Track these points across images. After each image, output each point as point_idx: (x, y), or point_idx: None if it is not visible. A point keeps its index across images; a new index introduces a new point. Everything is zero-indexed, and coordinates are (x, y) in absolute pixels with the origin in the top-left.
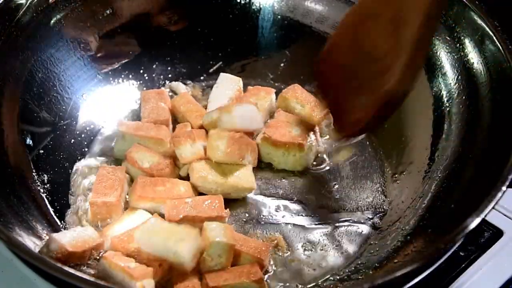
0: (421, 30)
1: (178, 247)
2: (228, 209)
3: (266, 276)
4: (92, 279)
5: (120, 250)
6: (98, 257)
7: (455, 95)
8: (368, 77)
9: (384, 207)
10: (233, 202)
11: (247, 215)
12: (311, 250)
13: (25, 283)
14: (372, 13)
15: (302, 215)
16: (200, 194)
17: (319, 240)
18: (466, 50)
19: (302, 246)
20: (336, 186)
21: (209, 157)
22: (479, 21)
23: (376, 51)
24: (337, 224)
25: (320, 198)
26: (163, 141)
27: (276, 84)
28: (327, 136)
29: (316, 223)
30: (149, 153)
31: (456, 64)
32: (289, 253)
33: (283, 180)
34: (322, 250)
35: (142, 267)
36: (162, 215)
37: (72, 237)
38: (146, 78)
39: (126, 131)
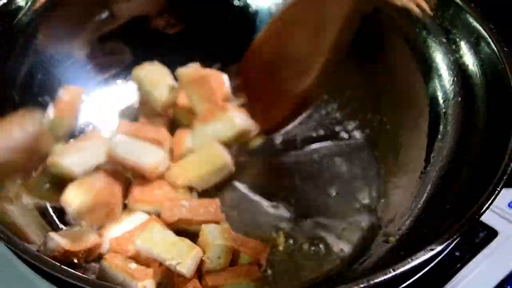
0: (337, 37)
1: (180, 266)
2: (224, 213)
3: (265, 275)
4: (91, 278)
5: (119, 252)
6: (96, 258)
7: (451, 96)
8: (287, 77)
9: (380, 207)
10: (230, 202)
11: (244, 215)
12: (309, 250)
13: (24, 283)
14: (297, 19)
15: (299, 215)
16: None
17: (316, 240)
18: (461, 52)
19: (300, 245)
20: (332, 186)
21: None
22: (475, 23)
23: (297, 54)
24: (333, 224)
25: (316, 198)
26: (162, 143)
27: None
28: None
29: (314, 223)
30: None
31: (452, 66)
32: (287, 252)
33: (280, 180)
34: (319, 249)
35: (142, 268)
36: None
37: (70, 236)
38: None
39: (124, 133)
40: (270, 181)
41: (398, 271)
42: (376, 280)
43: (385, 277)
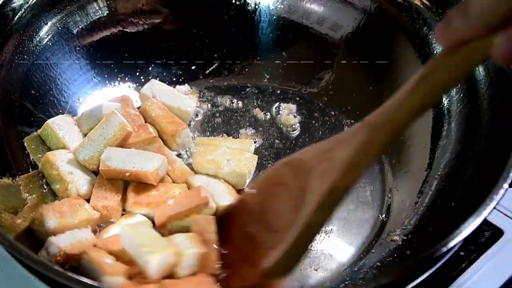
0: (311, 217)
1: (149, 257)
2: (207, 194)
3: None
4: (95, 284)
5: (104, 249)
6: None
7: (454, 93)
8: (260, 246)
9: (385, 206)
10: None
11: None
12: (313, 251)
13: (25, 283)
14: (282, 182)
15: None
16: None
17: (320, 240)
18: None
19: None
20: None
21: None
22: None
23: (276, 222)
24: (337, 224)
25: None
26: (155, 138)
27: (271, 85)
28: None
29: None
30: None
31: None
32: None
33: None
34: (323, 250)
35: (117, 264)
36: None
37: (70, 240)
38: (143, 80)
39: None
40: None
41: (405, 271)
42: (385, 281)
43: (393, 277)
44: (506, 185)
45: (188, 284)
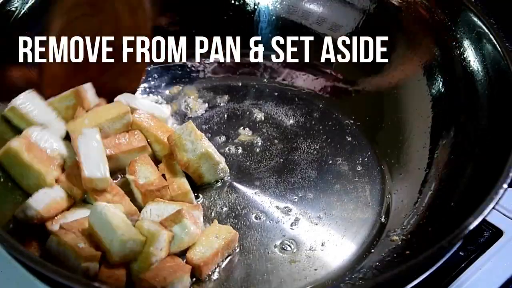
0: None
1: (116, 236)
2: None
3: (269, 276)
4: (95, 284)
5: (71, 231)
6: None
7: (453, 93)
8: None
9: (384, 206)
10: (234, 204)
11: (255, 218)
12: (313, 251)
13: (25, 283)
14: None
15: (302, 216)
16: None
17: (320, 240)
18: (463, 49)
19: (303, 246)
20: (335, 186)
21: None
22: (476, 20)
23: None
24: (337, 224)
25: (319, 198)
26: (146, 147)
27: (271, 85)
28: None
29: (316, 223)
30: (151, 169)
31: (453, 63)
32: (291, 254)
33: (280, 179)
34: (323, 250)
35: (90, 250)
36: None
37: (45, 202)
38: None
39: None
40: (272, 183)
41: (404, 271)
42: (382, 280)
43: (392, 277)
44: (505, 185)
45: (164, 272)
